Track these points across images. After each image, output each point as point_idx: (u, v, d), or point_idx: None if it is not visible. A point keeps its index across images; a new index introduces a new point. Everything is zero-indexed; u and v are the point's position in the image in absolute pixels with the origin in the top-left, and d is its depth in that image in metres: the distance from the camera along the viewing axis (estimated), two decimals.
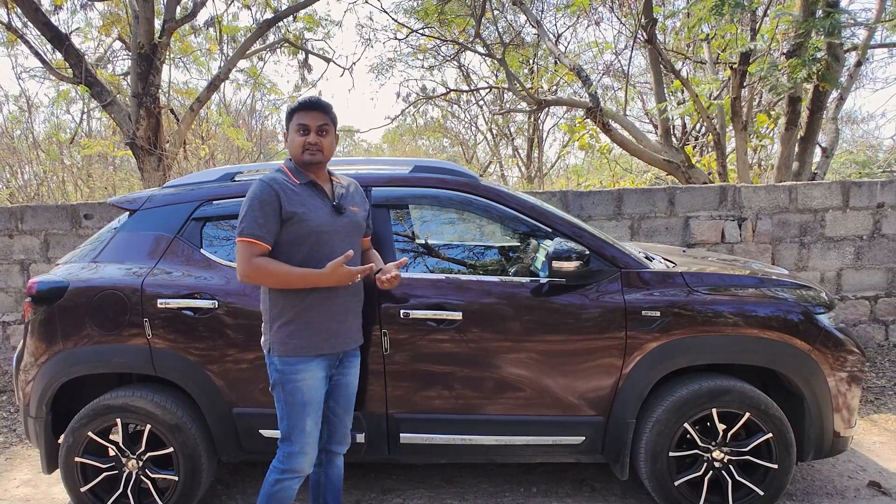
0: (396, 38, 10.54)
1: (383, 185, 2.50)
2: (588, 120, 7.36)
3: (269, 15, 7.86)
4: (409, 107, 12.12)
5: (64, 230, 4.64)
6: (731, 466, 2.37)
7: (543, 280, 2.36)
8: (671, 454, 2.36)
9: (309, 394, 1.98)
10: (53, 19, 6.64)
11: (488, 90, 12.51)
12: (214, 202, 2.54)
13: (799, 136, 5.76)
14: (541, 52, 10.41)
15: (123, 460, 2.44)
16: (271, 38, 8.72)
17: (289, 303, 1.96)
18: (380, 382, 2.37)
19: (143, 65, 6.14)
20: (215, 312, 2.38)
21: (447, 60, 11.47)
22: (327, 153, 2.01)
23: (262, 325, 2.05)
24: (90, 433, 2.41)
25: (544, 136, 13.84)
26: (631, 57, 8.38)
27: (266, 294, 2.02)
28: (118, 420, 2.41)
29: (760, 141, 8.51)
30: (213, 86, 7.21)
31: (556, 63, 9.78)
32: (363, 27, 17.91)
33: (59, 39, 6.13)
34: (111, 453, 2.45)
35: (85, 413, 2.42)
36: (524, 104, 9.64)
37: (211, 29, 8.67)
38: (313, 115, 1.98)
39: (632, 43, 8.03)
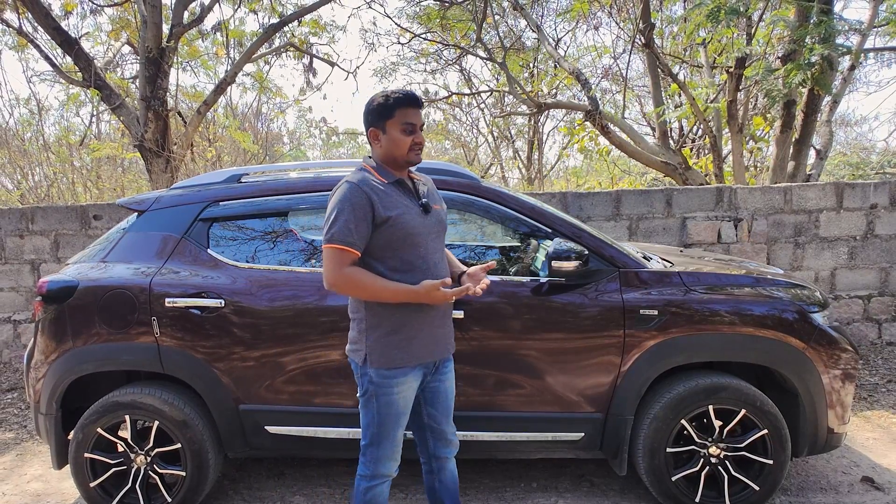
0: (399, 43, 10.62)
1: None
2: (587, 123, 7.41)
3: (275, 20, 7.93)
4: None
5: (74, 230, 4.70)
6: (727, 462, 2.40)
7: (543, 279, 2.40)
8: (669, 450, 2.39)
9: (404, 405, 1.87)
10: (63, 24, 6.69)
11: (489, 93, 12.59)
12: (221, 203, 2.59)
13: (794, 139, 5.83)
14: (541, 56, 10.48)
15: (132, 456, 2.47)
16: (277, 42, 8.79)
17: (388, 311, 1.81)
18: None
19: (152, 68, 6.20)
20: (222, 311, 2.42)
21: (449, 64, 11.55)
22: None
23: (353, 331, 1.90)
24: (99, 429, 2.45)
25: (544, 139, 13.93)
26: (629, 61, 8.46)
27: (361, 306, 1.85)
28: (127, 417, 2.45)
29: (756, 144, 8.59)
30: (220, 89, 7.27)
31: (555, 67, 9.85)
32: (367, 32, 18.07)
33: (68, 44, 6.19)
34: (120, 449, 2.49)
35: (94, 410, 2.46)
36: (524, 107, 9.73)
37: (218, 33, 8.75)
38: (418, 112, 1.82)
39: (630, 47, 8.10)
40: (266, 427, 2.46)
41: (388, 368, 1.82)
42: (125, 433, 2.47)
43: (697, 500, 2.40)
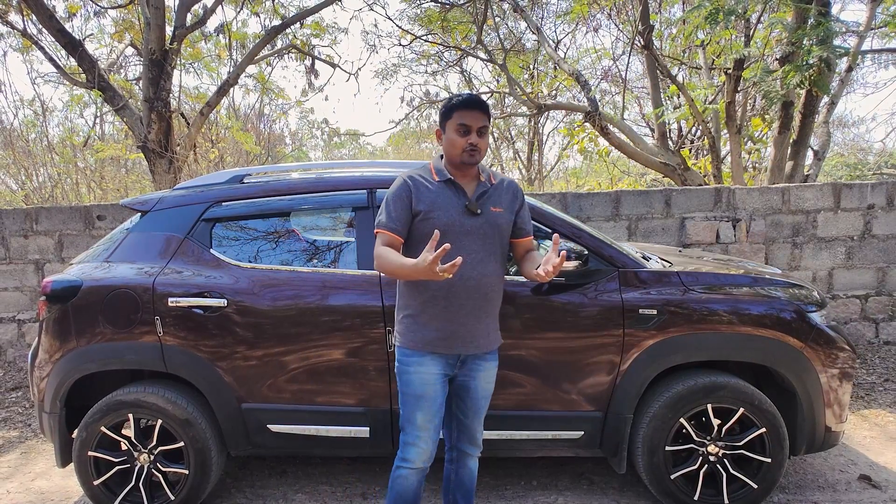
0: (401, 45, 10.66)
1: (388, 186, 2.56)
2: (587, 124, 7.44)
3: (277, 22, 7.97)
4: (413, 111, 12.28)
5: (77, 231, 4.72)
6: (725, 460, 2.42)
7: None
8: (667, 448, 2.41)
9: (421, 388, 1.95)
10: (67, 26, 6.74)
11: (490, 95, 12.62)
12: (224, 203, 2.60)
13: (792, 140, 5.86)
14: (541, 57, 10.51)
15: (135, 454, 2.49)
16: (279, 44, 8.82)
17: (410, 297, 1.97)
18: (384, 379, 2.42)
19: (155, 70, 6.23)
20: (224, 310, 2.43)
21: (450, 66, 11.59)
22: (483, 154, 1.95)
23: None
24: (103, 428, 2.47)
25: (544, 140, 13.96)
26: (628, 62, 8.47)
27: (397, 287, 2.04)
28: (130, 415, 2.46)
29: (755, 144, 8.62)
30: (223, 90, 7.30)
31: (555, 68, 9.88)
32: (368, 34, 18.19)
33: (72, 46, 6.21)
34: (123, 447, 2.50)
35: (98, 408, 2.47)
36: (525, 108, 9.76)
37: (220, 35, 8.78)
38: (475, 114, 1.91)
39: (629, 49, 8.12)
40: (268, 425, 2.48)
41: (405, 347, 1.97)
42: (129, 432, 2.49)
43: (696, 498, 2.42)
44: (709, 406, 2.41)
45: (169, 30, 6.41)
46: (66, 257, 4.70)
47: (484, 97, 12.79)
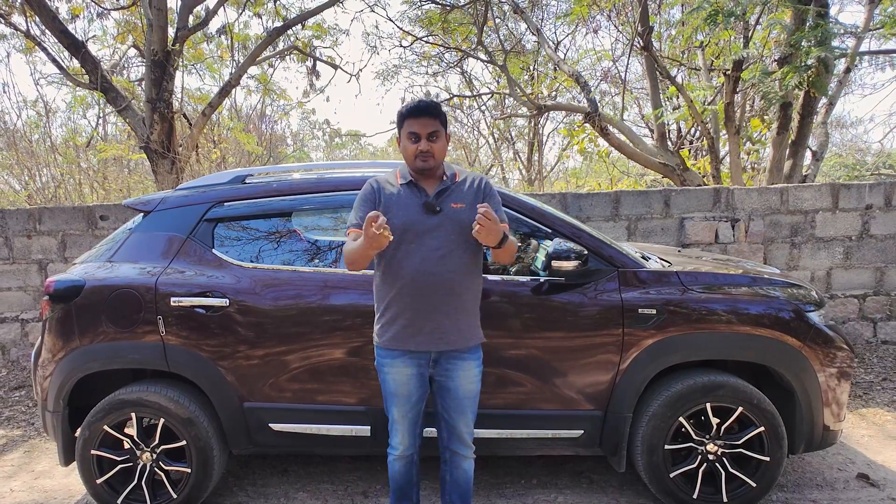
0: (401, 46, 10.69)
1: None
2: (587, 124, 7.46)
3: (278, 23, 7.98)
4: None
5: (80, 231, 4.74)
6: (724, 459, 2.43)
7: (543, 279, 2.43)
8: (667, 447, 2.42)
9: (394, 386, 2.04)
10: (70, 27, 6.76)
11: (490, 96, 12.67)
12: (226, 204, 2.62)
13: (790, 141, 5.87)
14: (541, 58, 10.54)
15: (138, 453, 2.50)
16: (281, 45, 8.85)
17: (381, 296, 2.05)
18: None
19: (157, 71, 6.25)
20: (227, 310, 2.45)
21: (450, 67, 11.62)
22: (438, 157, 2.01)
23: None
24: (106, 427, 2.48)
25: (544, 140, 13.99)
26: (628, 64, 8.50)
27: (373, 288, 2.11)
28: (133, 414, 2.47)
29: (753, 145, 8.65)
30: (225, 91, 7.32)
31: (555, 69, 9.90)
32: (370, 35, 18.24)
33: (75, 47, 6.23)
34: (126, 446, 2.51)
35: (101, 407, 2.49)
36: (525, 109, 9.79)
37: (223, 37, 8.82)
38: (423, 121, 1.97)
39: (629, 50, 8.15)
40: (270, 424, 2.49)
41: (381, 347, 2.06)
42: (131, 430, 2.50)
43: (695, 496, 2.44)
44: (708, 405, 2.42)
45: (171, 31, 6.43)
46: (69, 257, 4.72)
47: (485, 98, 12.91)
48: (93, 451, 2.49)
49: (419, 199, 2.01)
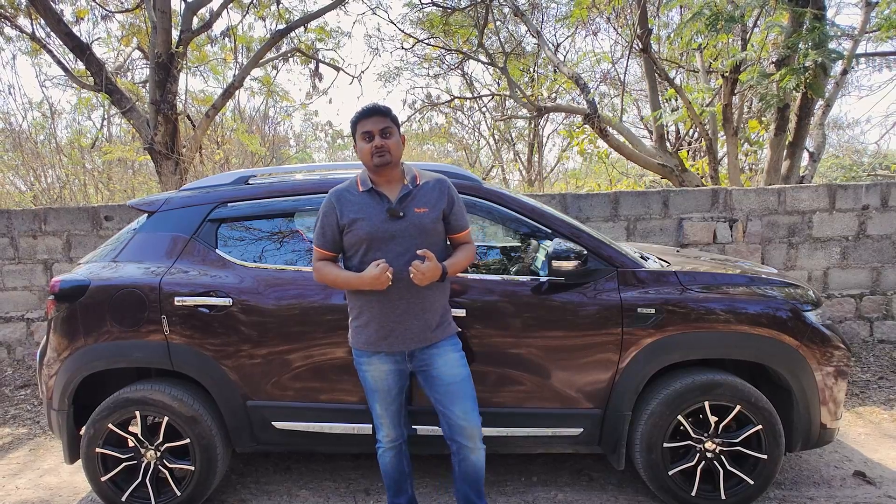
0: (403, 48, 10.74)
1: None
2: (586, 126, 7.50)
3: (281, 26, 8.01)
4: (415, 113, 12.38)
5: (85, 231, 4.76)
6: (722, 457, 2.45)
7: (543, 279, 2.44)
8: (665, 445, 2.44)
9: (373, 383, 2.15)
10: (75, 30, 6.77)
11: (490, 97, 12.72)
12: (229, 204, 2.64)
13: (787, 142, 5.91)
14: (541, 60, 10.58)
15: (142, 451, 2.52)
16: (284, 47, 8.89)
17: (354, 302, 2.13)
18: None
19: (161, 73, 6.28)
20: (230, 310, 2.47)
21: (451, 69, 11.67)
22: (395, 153, 2.05)
23: None
24: (110, 425, 2.50)
25: (544, 142, 14.05)
26: (627, 66, 8.53)
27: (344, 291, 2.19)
28: (137, 412, 2.50)
29: (751, 146, 8.69)
30: (228, 93, 7.35)
31: (555, 71, 9.95)
32: (372, 38, 18.30)
33: (80, 49, 6.26)
34: (130, 444, 2.54)
35: (105, 406, 2.51)
36: (525, 111, 9.83)
37: (226, 39, 8.87)
38: (373, 120, 2.04)
39: (628, 52, 8.18)
40: (273, 423, 2.51)
41: (356, 349, 2.15)
42: (135, 429, 2.52)
43: (693, 494, 2.46)
44: (706, 403, 2.44)
45: (175, 34, 6.47)
46: (74, 257, 4.75)
47: (485, 99, 12.94)
48: (97, 449, 2.51)
49: (382, 205, 2.05)
